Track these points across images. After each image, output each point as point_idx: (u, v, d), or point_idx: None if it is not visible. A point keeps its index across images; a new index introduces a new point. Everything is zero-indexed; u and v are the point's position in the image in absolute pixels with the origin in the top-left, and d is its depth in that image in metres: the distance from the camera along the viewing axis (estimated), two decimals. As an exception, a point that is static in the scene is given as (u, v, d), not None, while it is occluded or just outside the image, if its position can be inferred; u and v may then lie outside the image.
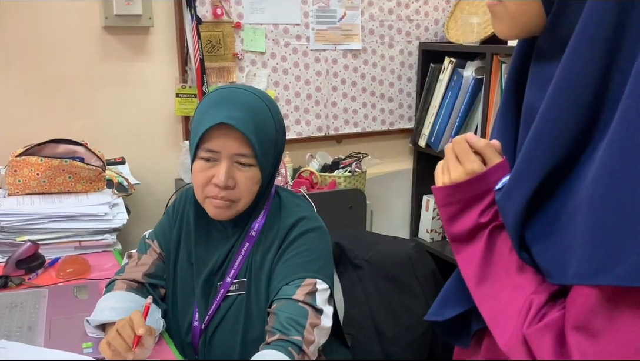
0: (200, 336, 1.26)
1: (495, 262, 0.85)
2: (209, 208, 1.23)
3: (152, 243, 1.35)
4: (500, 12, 0.85)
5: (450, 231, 0.90)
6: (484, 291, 0.85)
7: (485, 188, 0.87)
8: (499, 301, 0.83)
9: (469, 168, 0.87)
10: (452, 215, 0.89)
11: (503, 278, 0.84)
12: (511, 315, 0.80)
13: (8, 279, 1.53)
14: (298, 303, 1.16)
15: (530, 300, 0.79)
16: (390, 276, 1.69)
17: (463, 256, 0.89)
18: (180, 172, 2.32)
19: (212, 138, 1.17)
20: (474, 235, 0.87)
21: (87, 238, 1.77)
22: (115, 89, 2.24)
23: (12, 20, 2.04)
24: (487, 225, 0.86)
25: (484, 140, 0.89)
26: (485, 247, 0.85)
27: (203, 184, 1.20)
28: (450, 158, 0.91)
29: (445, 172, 0.91)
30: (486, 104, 2.39)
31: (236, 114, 1.15)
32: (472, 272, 0.86)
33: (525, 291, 0.80)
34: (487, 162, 0.88)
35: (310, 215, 1.29)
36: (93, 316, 1.23)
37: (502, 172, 0.86)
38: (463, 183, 0.87)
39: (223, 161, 1.18)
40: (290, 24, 2.49)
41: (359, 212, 2.37)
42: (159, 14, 2.24)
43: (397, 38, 2.72)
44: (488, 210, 0.86)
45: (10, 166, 1.83)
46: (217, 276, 1.27)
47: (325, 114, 2.64)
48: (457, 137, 0.91)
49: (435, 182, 0.94)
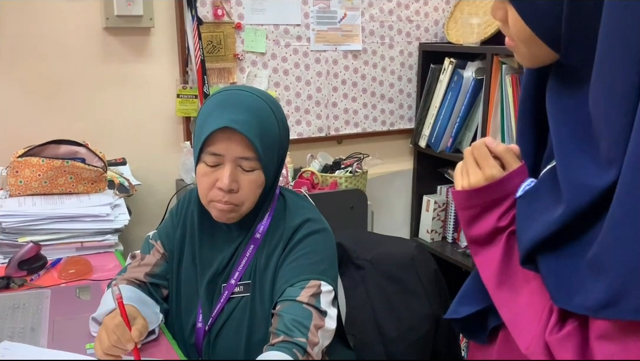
0: (204, 337, 1.26)
1: (513, 265, 0.86)
2: (213, 212, 1.23)
3: (155, 243, 1.35)
4: (517, 51, 0.88)
5: (469, 234, 0.91)
6: (503, 294, 0.86)
7: (504, 193, 0.87)
8: (518, 305, 0.84)
9: (488, 173, 0.88)
10: (471, 218, 0.90)
11: (522, 282, 0.84)
12: (531, 319, 0.81)
13: (10, 280, 1.53)
14: (302, 305, 1.16)
15: (551, 306, 0.80)
16: (393, 276, 1.69)
17: (481, 259, 0.90)
18: (181, 173, 2.32)
19: (215, 141, 1.16)
20: (493, 238, 0.88)
21: (89, 239, 1.77)
22: (116, 89, 2.24)
23: (13, 20, 2.04)
24: (505, 228, 0.87)
25: (503, 144, 0.90)
26: (503, 251, 0.86)
27: (207, 188, 1.20)
28: (469, 163, 0.92)
29: (464, 176, 0.92)
30: (486, 105, 2.40)
31: (240, 117, 1.15)
32: (491, 275, 0.87)
33: (544, 296, 0.81)
34: (506, 166, 0.89)
35: (315, 217, 1.28)
36: (98, 311, 1.23)
37: (521, 177, 0.87)
38: (482, 188, 0.88)
39: (227, 165, 1.17)
40: (290, 25, 2.49)
41: (360, 213, 2.37)
42: (159, 14, 2.24)
43: (398, 39, 2.72)
44: (506, 214, 0.87)
45: (11, 167, 1.82)
46: (222, 278, 1.27)
47: (325, 115, 2.64)
48: (476, 142, 0.92)
49: (454, 185, 0.94)
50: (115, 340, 1.09)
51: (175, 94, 2.32)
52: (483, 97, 2.42)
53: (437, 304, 1.67)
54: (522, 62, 0.90)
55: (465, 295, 0.99)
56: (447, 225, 2.84)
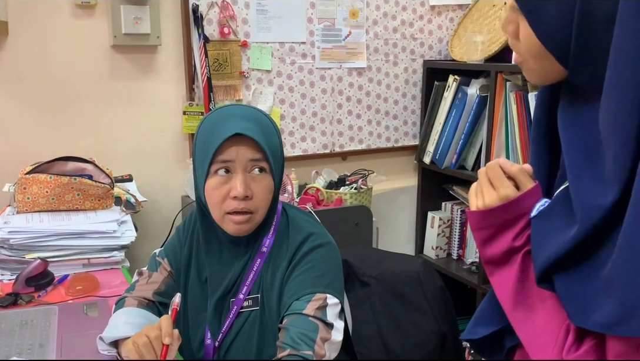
0: (214, 354, 1.26)
1: (529, 285, 0.86)
2: (228, 226, 1.22)
3: (162, 261, 1.36)
4: (526, 66, 0.89)
5: (484, 254, 0.92)
6: (520, 315, 0.86)
7: (518, 213, 0.88)
8: (535, 325, 0.84)
9: (503, 193, 0.89)
10: (486, 238, 0.91)
11: (538, 302, 0.85)
12: (548, 339, 0.81)
13: (18, 296, 1.53)
14: (309, 318, 1.16)
15: (567, 326, 0.80)
16: (399, 293, 1.68)
17: (497, 279, 0.91)
18: (187, 189, 2.33)
19: (224, 150, 1.18)
20: (508, 258, 0.89)
21: (96, 256, 1.77)
22: (123, 106, 2.26)
23: (22, 38, 2.07)
24: (520, 248, 0.88)
25: (517, 165, 0.91)
26: (519, 271, 0.87)
27: (220, 201, 1.20)
28: (484, 183, 0.93)
29: (479, 196, 0.93)
30: (491, 122, 2.41)
31: (246, 125, 1.18)
32: (507, 295, 0.88)
33: (560, 316, 0.81)
34: (521, 186, 0.90)
35: (319, 231, 1.29)
36: (107, 333, 1.22)
37: (536, 197, 0.88)
38: (497, 208, 0.89)
39: (238, 172, 1.19)
40: (296, 43, 2.51)
41: (365, 229, 2.37)
42: (167, 32, 2.26)
43: (402, 56, 2.75)
44: (521, 235, 0.88)
45: (19, 183, 1.84)
46: (231, 293, 1.28)
47: (330, 131, 2.65)
48: (490, 162, 0.93)
49: (469, 205, 0.95)
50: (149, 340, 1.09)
51: (182, 111, 2.34)
52: (487, 114, 2.43)
53: (443, 321, 1.66)
54: (529, 78, 0.91)
55: (482, 316, 0.99)
56: (452, 242, 2.84)
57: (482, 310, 1.00)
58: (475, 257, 2.67)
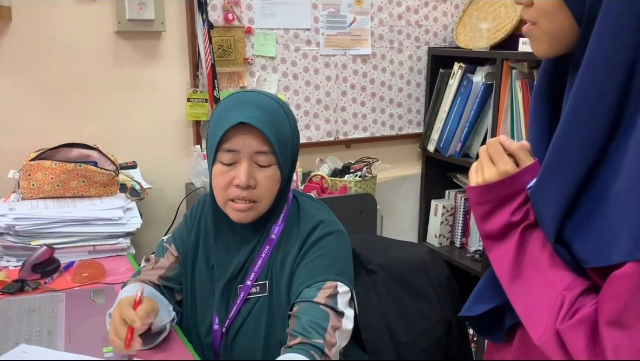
0: (222, 339, 1.26)
1: (527, 259, 0.88)
2: (230, 213, 1.23)
3: (169, 246, 1.36)
4: (536, 33, 0.89)
5: (483, 229, 0.93)
6: (517, 288, 0.88)
7: (517, 188, 0.90)
8: (531, 297, 0.86)
9: (502, 169, 0.91)
10: (485, 213, 0.92)
11: (535, 275, 0.87)
12: (544, 310, 0.83)
13: (24, 283, 1.53)
14: (319, 306, 1.16)
15: (563, 296, 0.82)
16: (404, 281, 1.68)
17: (495, 254, 0.92)
18: (191, 176, 2.32)
19: (231, 138, 1.18)
20: (506, 233, 0.90)
21: (101, 243, 1.78)
22: (127, 93, 2.25)
23: (26, 24, 2.05)
24: (518, 223, 0.89)
25: (517, 142, 0.93)
26: (517, 245, 0.89)
27: (224, 187, 1.21)
28: (484, 160, 0.94)
29: (479, 173, 0.94)
30: (496, 109, 2.40)
31: (254, 114, 1.17)
32: (505, 269, 0.89)
33: (557, 287, 0.83)
34: (520, 163, 0.92)
35: (329, 219, 1.29)
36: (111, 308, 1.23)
37: (534, 173, 0.90)
38: (496, 183, 0.91)
39: (243, 161, 1.19)
40: (300, 29, 2.49)
41: (370, 217, 2.37)
42: (171, 19, 2.25)
43: (407, 43, 2.73)
44: (520, 209, 0.89)
45: (24, 170, 1.83)
46: (237, 279, 1.28)
47: (334, 119, 2.64)
48: (491, 139, 0.95)
49: (469, 182, 0.97)
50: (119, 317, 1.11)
51: (186, 98, 2.32)
52: (493, 102, 2.42)
53: (449, 309, 1.67)
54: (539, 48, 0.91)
55: (480, 293, 1.01)
56: (455, 230, 2.84)
57: (480, 288, 1.01)
58: (478, 245, 2.67)
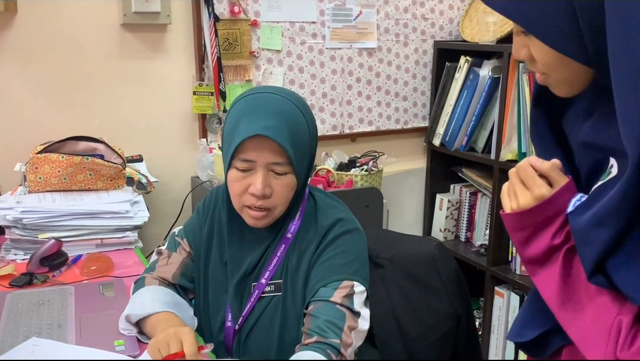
0: (235, 337, 1.26)
1: (574, 283, 0.86)
2: (246, 218, 1.22)
3: (182, 241, 1.35)
4: (551, 82, 0.88)
5: (524, 254, 0.91)
6: (568, 314, 0.85)
7: (555, 211, 0.87)
8: (584, 323, 0.83)
9: (537, 193, 0.88)
10: (525, 239, 0.90)
11: (585, 299, 0.84)
12: (600, 336, 0.81)
13: (33, 276, 1.53)
14: (336, 306, 1.15)
15: (619, 322, 0.79)
16: (413, 275, 1.68)
17: (540, 279, 0.89)
18: (197, 170, 2.32)
19: (247, 148, 1.15)
20: (549, 257, 0.88)
21: (109, 236, 1.77)
22: (133, 86, 2.24)
23: (31, 17, 2.04)
24: (561, 246, 0.87)
25: (548, 162, 0.89)
26: (562, 269, 0.86)
27: (240, 193, 1.19)
28: (516, 184, 0.91)
29: (512, 198, 0.92)
30: (503, 103, 2.39)
31: (271, 123, 1.13)
32: (553, 294, 0.87)
33: (610, 312, 0.81)
34: (553, 183, 0.89)
35: (347, 217, 1.28)
36: (133, 311, 1.22)
37: (571, 192, 0.87)
38: (533, 209, 0.88)
39: (259, 170, 1.16)
40: (306, 22, 2.48)
41: (376, 211, 2.36)
42: (177, 11, 2.24)
43: (412, 37, 2.72)
44: (560, 232, 0.87)
45: (30, 163, 1.82)
46: (252, 277, 1.27)
47: (340, 112, 2.63)
48: (521, 162, 0.92)
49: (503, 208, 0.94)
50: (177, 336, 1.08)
51: (192, 91, 2.31)
52: (499, 96, 2.41)
53: (458, 303, 1.66)
54: (560, 92, 0.89)
55: (528, 317, 0.98)
56: (460, 224, 2.84)
57: (527, 311, 0.99)
58: (484, 239, 2.67)
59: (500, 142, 2.42)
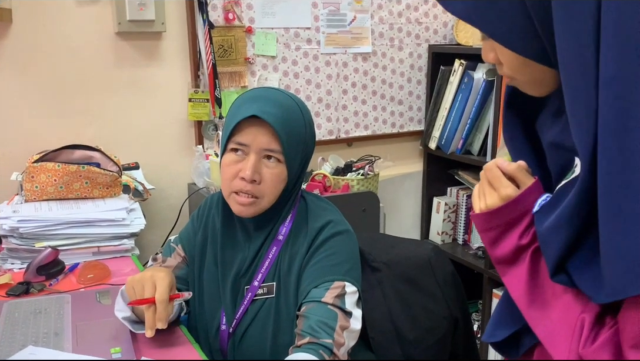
0: (229, 340, 1.26)
1: (541, 282, 0.86)
2: (233, 205, 1.24)
3: (176, 247, 1.36)
4: (519, 84, 0.89)
5: (493, 255, 0.92)
6: (536, 312, 0.86)
7: (522, 211, 0.88)
8: (551, 321, 0.84)
9: (504, 193, 0.89)
10: (493, 239, 0.91)
11: (551, 298, 0.85)
12: (565, 334, 0.81)
13: (30, 285, 1.53)
14: (327, 306, 1.16)
15: (582, 320, 0.80)
16: (410, 278, 1.68)
17: (509, 279, 0.90)
18: (194, 177, 2.32)
19: (243, 131, 1.19)
20: (517, 257, 0.88)
21: (106, 244, 1.77)
22: (129, 94, 2.24)
23: (26, 27, 2.05)
24: (528, 246, 0.87)
25: (514, 163, 0.91)
26: (529, 269, 0.87)
27: (230, 178, 1.22)
28: (484, 185, 0.93)
29: (481, 198, 0.93)
30: (497, 106, 2.40)
31: (268, 109, 1.18)
32: (521, 294, 0.88)
33: (574, 310, 0.81)
34: (520, 184, 0.90)
35: (337, 219, 1.29)
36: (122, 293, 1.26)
37: (537, 193, 0.88)
38: (499, 209, 0.89)
39: (251, 155, 1.20)
40: (301, 28, 2.49)
41: (373, 215, 2.37)
42: (171, 19, 2.25)
43: (407, 41, 2.73)
44: (527, 232, 0.87)
45: (27, 172, 1.83)
46: (244, 280, 1.28)
47: (336, 117, 2.64)
48: (487, 164, 0.93)
49: (473, 209, 0.95)
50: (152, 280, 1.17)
51: (187, 98, 2.32)
52: (494, 99, 2.42)
53: (454, 306, 1.67)
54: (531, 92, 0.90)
55: (500, 318, 0.99)
56: (457, 227, 2.84)
57: (500, 312, 1.00)
58: (481, 242, 2.68)
59: (495, 144, 2.43)
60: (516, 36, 0.81)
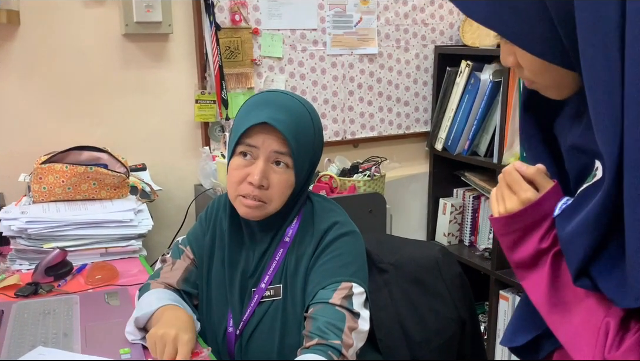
0: (236, 342, 1.26)
1: (562, 285, 0.86)
2: (239, 207, 1.24)
3: (185, 248, 1.36)
4: (539, 87, 0.88)
5: (512, 258, 0.91)
6: (557, 317, 0.86)
7: (542, 215, 0.87)
8: (573, 326, 0.83)
9: (523, 197, 0.88)
10: (512, 243, 0.90)
11: (573, 302, 0.84)
12: (588, 338, 0.81)
13: (38, 286, 1.54)
14: (335, 307, 1.16)
15: (606, 324, 0.79)
16: (417, 280, 1.68)
17: (529, 283, 0.90)
18: (200, 178, 2.32)
19: (252, 136, 1.19)
20: (537, 261, 0.88)
21: (113, 245, 1.78)
22: (136, 95, 2.25)
23: (34, 29, 2.06)
24: (548, 250, 0.87)
25: (533, 167, 0.90)
26: (550, 272, 0.86)
27: (237, 182, 1.22)
28: (503, 189, 0.92)
29: (500, 202, 0.92)
30: (504, 107, 2.39)
31: (278, 116, 1.18)
32: (541, 298, 0.87)
33: (598, 314, 0.81)
34: (540, 188, 0.89)
35: (344, 220, 1.29)
36: (139, 312, 1.23)
37: (557, 196, 0.87)
38: (519, 213, 0.89)
39: (260, 160, 1.20)
40: (307, 30, 2.49)
41: (379, 216, 2.36)
42: (178, 21, 2.25)
43: (413, 42, 2.73)
44: (547, 236, 0.87)
45: (35, 173, 1.83)
46: (251, 282, 1.28)
47: (342, 119, 2.64)
48: (506, 167, 0.92)
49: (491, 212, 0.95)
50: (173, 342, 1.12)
51: (194, 100, 2.33)
52: (501, 100, 2.42)
53: (462, 307, 1.66)
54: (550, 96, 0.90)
55: (520, 322, 0.99)
56: (464, 228, 2.84)
57: (519, 316, 0.99)
58: (488, 243, 2.67)
59: (502, 145, 2.42)
60: (537, 40, 0.80)
